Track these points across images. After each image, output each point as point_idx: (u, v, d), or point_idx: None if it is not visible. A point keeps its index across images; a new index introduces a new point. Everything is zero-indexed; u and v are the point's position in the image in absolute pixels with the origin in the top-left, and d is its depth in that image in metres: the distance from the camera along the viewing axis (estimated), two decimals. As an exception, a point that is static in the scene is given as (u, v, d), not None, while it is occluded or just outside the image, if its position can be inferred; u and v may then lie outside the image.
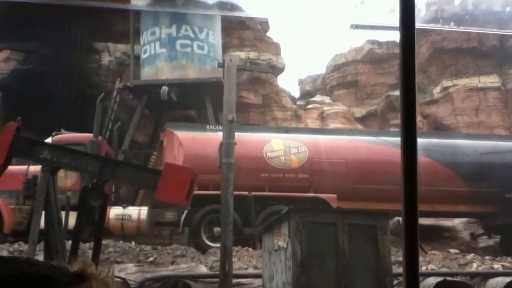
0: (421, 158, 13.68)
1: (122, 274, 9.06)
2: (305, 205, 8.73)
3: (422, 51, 23.82)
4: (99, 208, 8.16)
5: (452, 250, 13.12)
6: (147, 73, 18.46)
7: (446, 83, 23.05)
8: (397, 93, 23.44)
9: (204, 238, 12.45)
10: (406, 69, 1.46)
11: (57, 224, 7.66)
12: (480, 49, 22.87)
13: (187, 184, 6.89)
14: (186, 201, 7.01)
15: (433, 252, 12.62)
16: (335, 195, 12.78)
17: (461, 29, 20.49)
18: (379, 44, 25.65)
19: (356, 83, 25.54)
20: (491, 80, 22.69)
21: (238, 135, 9.89)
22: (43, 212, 7.67)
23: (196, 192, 12.54)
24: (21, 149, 7.52)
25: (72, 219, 12.56)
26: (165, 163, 9.72)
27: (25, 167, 12.50)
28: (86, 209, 7.86)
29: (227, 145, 9.17)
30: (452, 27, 19.74)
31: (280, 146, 13.35)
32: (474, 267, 10.94)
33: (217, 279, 8.69)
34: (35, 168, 11.11)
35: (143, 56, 18.69)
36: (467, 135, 16.37)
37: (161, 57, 18.22)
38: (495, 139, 15.68)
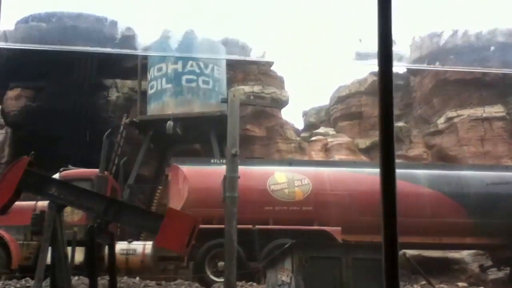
0: (426, 189, 13.58)
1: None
2: (308, 239, 8.71)
3: (425, 82, 24.06)
4: (108, 247, 8.31)
5: (461, 284, 12.85)
6: (153, 108, 18.78)
7: (450, 113, 23.12)
8: (401, 124, 23.61)
9: (208, 272, 12.41)
10: (384, 100, 1.61)
11: (63, 260, 7.76)
12: (483, 79, 23.00)
13: (188, 232, 6.93)
14: (186, 249, 7.04)
15: (441, 286, 12.37)
16: (339, 228, 12.72)
17: (446, 68, 20.56)
18: (382, 76, 25.86)
19: (360, 114, 25.74)
20: (496, 110, 22.72)
21: (242, 168, 10.02)
22: (50, 248, 7.77)
23: (200, 226, 12.73)
24: (31, 184, 7.68)
25: (78, 255, 12.66)
26: (168, 208, 9.78)
27: (33, 202, 12.65)
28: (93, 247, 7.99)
29: (230, 179, 9.30)
30: (437, 67, 19.84)
31: (283, 178, 13.42)
32: (483, 301, 10.70)
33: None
34: (43, 204, 11.24)
35: (150, 92, 19.05)
36: (473, 166, 16.20)
37: (167, 92, 18.56)
38: (501, 169, 15.42)
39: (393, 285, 1.79)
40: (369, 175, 13.83)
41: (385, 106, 1.70)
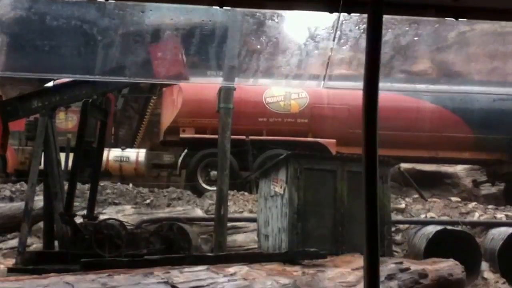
0: (427, 104, 13.23)
1: (119, 216, 9.26)
2: (304, 151, 8.57)
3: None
4: (101, 124, 8.32)
5: (454, 198, 12.88)
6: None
7: (463, 27, 22.27)
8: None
9: (200, 181, 12.48)
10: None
11: (56, 166, 7.77)
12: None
13: (178, 54, 6.28)
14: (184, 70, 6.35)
15: (433, 199, 12.33)
16: (334, 140, 12.64)
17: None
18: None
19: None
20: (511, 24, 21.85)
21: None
22: (43, 154, 7.77)
23: (193, 135, 12.72)
24: (13, 111, 7.48)
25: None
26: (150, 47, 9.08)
27: (26, 109, 12.56)
28: (84, 149, 7.96)
29: (226, 90, 9.05)
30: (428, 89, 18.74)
31: (280, 91, 13.16)
32: (476, 216, 10.59)
33: (212, 222, 8.79)
34: (36, 111, 11.16)
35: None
36: (479, 82, 15.67)
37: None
38: (510, 86, 14.96)
39: (372, 201, 1.69)
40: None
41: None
